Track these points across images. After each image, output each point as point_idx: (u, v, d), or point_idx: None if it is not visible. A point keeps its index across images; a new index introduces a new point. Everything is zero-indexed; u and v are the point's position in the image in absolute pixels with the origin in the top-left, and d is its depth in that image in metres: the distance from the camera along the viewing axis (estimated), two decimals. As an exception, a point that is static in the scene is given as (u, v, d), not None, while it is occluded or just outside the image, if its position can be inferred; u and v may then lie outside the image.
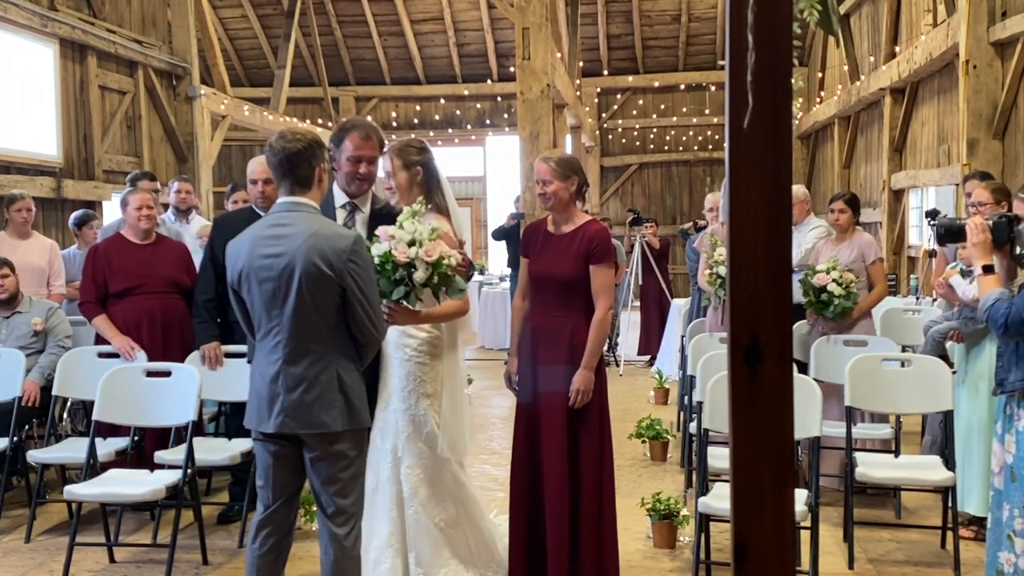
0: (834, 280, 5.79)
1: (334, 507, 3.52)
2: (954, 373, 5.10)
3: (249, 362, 4.23)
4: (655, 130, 19.30)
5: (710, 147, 19.05)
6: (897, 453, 5.59)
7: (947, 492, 4.84)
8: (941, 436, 5.47)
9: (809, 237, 6.63)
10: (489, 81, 19.10)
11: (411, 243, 3.75)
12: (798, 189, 6.98)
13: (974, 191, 5.50)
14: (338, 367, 3.46)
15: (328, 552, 3.55)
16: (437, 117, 19.50)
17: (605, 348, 4.43)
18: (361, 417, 3.54)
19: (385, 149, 4.22)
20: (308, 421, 3.44)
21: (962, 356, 5.18)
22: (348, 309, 3.45)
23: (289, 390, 3.44)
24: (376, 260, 3.71)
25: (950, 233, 4.02)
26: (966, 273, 5.09)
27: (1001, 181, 8.14)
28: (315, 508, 4.23)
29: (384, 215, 4.24)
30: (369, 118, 19.36)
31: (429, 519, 4.15)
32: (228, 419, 5.82)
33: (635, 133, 19.27)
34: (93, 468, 4.97)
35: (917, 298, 8.18)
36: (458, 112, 19.50)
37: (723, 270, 6.36)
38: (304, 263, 3.38)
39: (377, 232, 3.84)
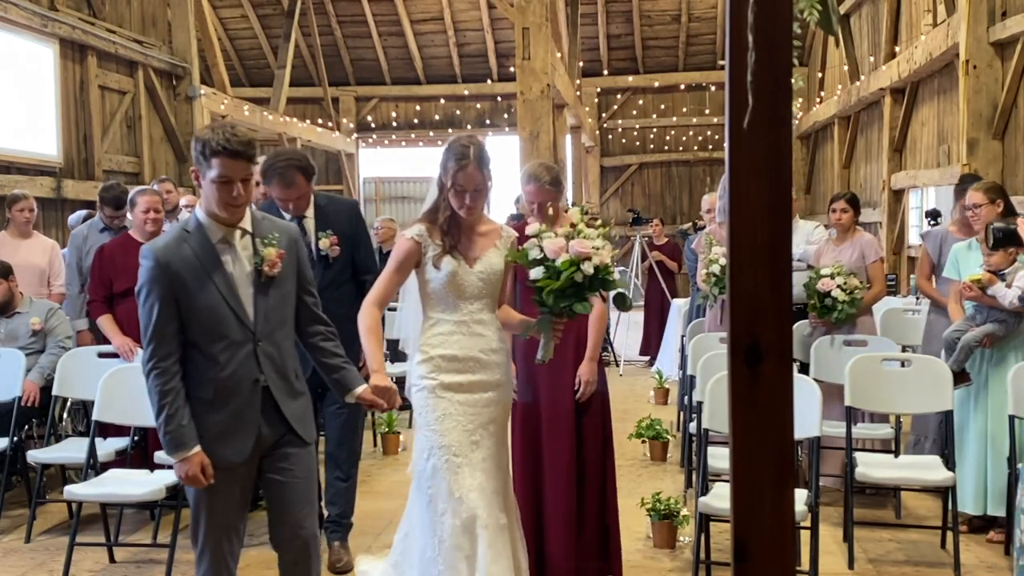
0: (839, 286, 5.78)
1: None
2: (958, 385, 5.01)
3: None
4: (655, 130, 19.30)
5: (710, 147, 19.06)
6: (897, 453, 5.59)
7: (947, 492, 4.84)
8: (938, 436, 5.46)
9: (815, 235, 6.63)
10: (489, 81, 19.10)
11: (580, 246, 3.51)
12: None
13: (967, 195, 5.46)
14: None
15: None
16: (437, 117, 19.50)
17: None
18: None
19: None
20: None
21: (977, 363, 5.06)
22: None
23: None
24: (580, 278, 3.44)
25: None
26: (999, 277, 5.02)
27: (1000, 180, 8.16)
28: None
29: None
30: (369, 118, 19.39)
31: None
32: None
33: (635, 133, 19.27)
34: (93, 468, 4.98)
35: (917, 298, 8.17)
36: (458, 112, 19.50)
37: (717, 268, 6.34)
38: None
39: (551, 250, 3.48)
